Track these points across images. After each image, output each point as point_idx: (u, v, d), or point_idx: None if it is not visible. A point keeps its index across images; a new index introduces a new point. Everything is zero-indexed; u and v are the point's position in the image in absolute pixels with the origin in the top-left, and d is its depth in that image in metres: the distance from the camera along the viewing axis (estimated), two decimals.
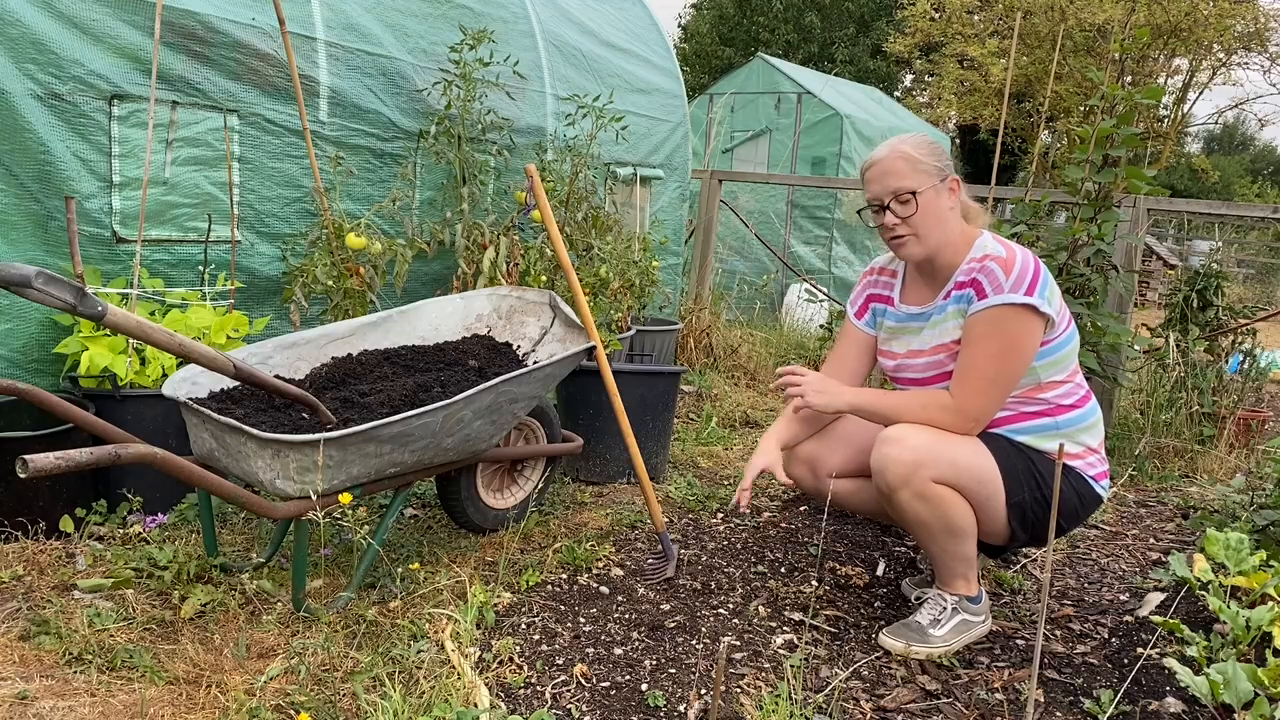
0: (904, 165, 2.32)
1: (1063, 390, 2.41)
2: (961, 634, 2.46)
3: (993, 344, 2.27)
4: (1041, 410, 2.40)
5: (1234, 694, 1.96)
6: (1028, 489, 2.37)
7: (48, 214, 3.04)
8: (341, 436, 2.28)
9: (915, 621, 2.47)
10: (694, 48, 24.16)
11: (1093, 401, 2.49)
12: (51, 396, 2.33)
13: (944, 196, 2.35)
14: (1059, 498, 2.38)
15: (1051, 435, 2.41)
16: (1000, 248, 2.33)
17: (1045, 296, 2.26)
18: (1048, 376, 2.38)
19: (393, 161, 4.04)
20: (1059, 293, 2.35)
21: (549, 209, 3.11)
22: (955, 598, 2.48)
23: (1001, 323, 2.26)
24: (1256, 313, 5.10)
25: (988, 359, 2.28)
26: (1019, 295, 2.24)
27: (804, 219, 9.52)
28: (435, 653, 2.21)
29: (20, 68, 2.92)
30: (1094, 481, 2.46)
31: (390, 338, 3.04)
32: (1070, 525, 2.53)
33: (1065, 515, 2.46)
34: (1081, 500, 2.46)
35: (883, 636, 2.46)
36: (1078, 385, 2.46)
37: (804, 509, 3.48)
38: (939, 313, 2.41)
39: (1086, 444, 2.45)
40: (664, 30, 6.19)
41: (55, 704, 2.01)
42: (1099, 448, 2.50)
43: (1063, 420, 2.41)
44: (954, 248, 2.38)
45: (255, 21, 3.49)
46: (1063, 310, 2.37)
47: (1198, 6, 16.47)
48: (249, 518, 3.11)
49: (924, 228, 2.34)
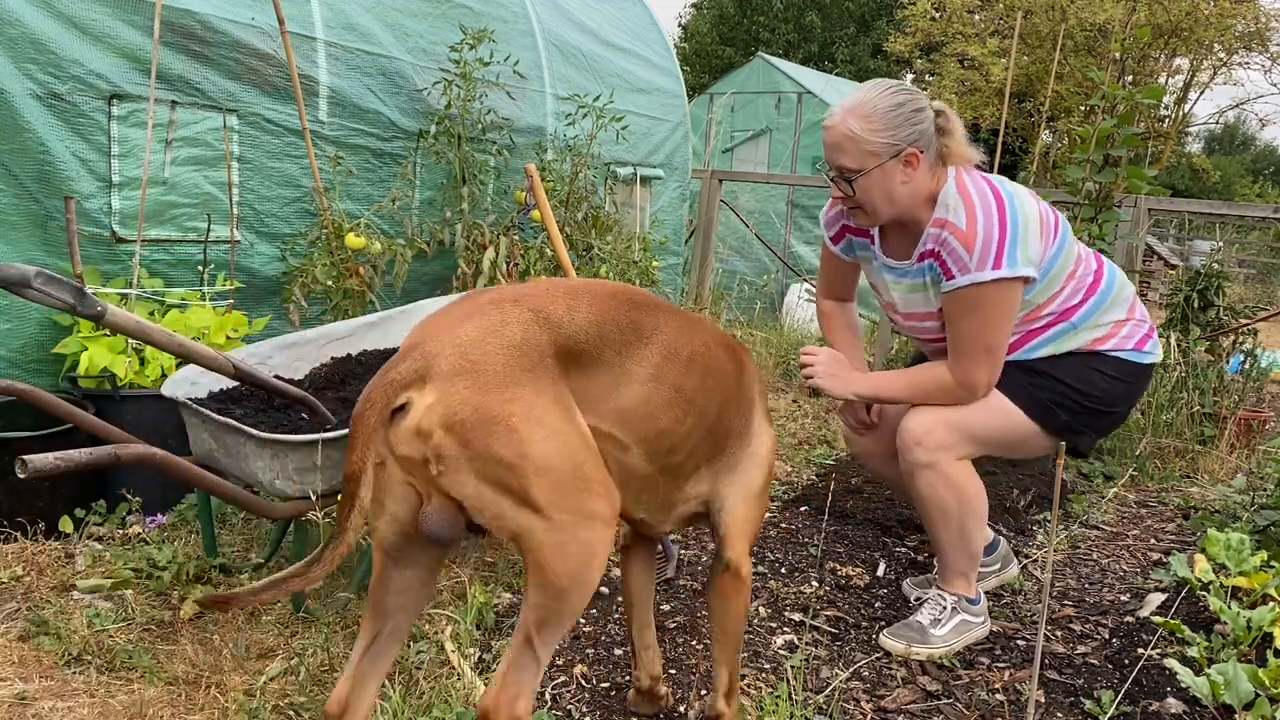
0: (849, 145, 2.17)
1: (1067, 292, 2.33)
2: (962, 634, 2.45)
3: (974, 320, 2.21)
4: (1051, 320, 2.33)
5: (1235, 694, 1.96)
6: (1063, 407, 2.34)
7: (47, 214, 3.04)
8: (341, 437, 2.27)
9: (916, 622, 2.46)
10: (694, 47, 24.16)
11: (1106, 277, 2.38)
12: (51, 396, 2.33)
13: (894, 173, 2.18)
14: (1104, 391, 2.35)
15: (1071, 335, 2.34)
16: (961, 209, 2.18)
17: (1016, 257, 2.15)
18: (1045, 295, 2.31)
19: (392, 161, 4.04)
20: (1034, 225, 2.20)
21: (549, 209, 3.11)
22: (955, 598, 2.47)
23: (976, 301, 2.19)
24: (1257, 313, 5.09)
25: (973, 334, 2.23)
26: (986, 272, 2.15)
27: (804, 219, 9.52)
28: (435, 653, 2.21)
29: (20, 68, 2.92)
30: (1134, 353, 2.38)
31: (390, 338, 3.03)
32: (1127, 408, 2.47)
33: (1117, 402, 2.40)
34: (1128, 380, 2.38)
35: (883, 637, 2.45)
36: (1082, 277, 2.35)
37: (804, 509, 3.47)
38: (916, 275, 2.33)
39: (1113, 319, 2.37)
40: (664, 30, 6.18)
41: (54, 704, 2.01)
42: (1130, 312, 2.41)
43: (1078, 318, 2.33)
44: (915, 209, 2.26)
45: (255, 21, 3.48)
46: (1045, 236, 2.25)
47: (1198, 6, 16.48)
48: (248, 518, 3.11)
49: (870, 204, 2.24)
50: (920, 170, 2.19)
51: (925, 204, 2.25)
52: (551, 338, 1.52)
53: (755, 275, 8.61)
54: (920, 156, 2.18)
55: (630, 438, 1.65)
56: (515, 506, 1.43)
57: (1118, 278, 2.43)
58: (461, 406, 1.40)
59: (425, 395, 1.41)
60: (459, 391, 1.41)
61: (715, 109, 10.01)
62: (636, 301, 1.69)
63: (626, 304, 1.66)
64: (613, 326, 1.61)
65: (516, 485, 1.41)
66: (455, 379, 1.41)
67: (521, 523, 1.43)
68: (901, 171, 2.18)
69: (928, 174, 2.22)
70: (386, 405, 1.42)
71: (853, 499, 3.57)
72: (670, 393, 1.68)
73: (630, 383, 1.63)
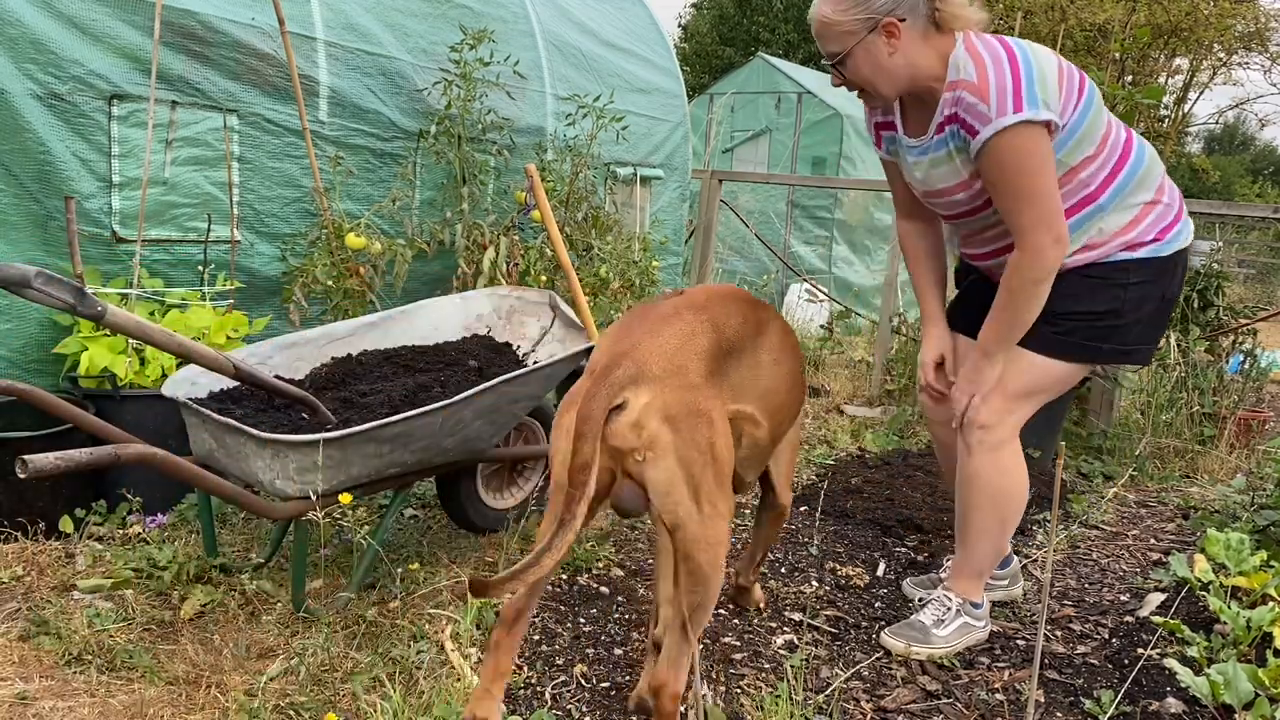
0: (827, 30, 2.17)
1: (1099, 162, 2.22)
2: (964, 636, 2.45)
3: (1011, 177, 2.11)
4: (1083, 199, 2.23)
5: (1234, 694, 1.96)
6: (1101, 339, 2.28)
7: (47, 214, 3.04)
8: (341, 437, 2.27)
9: (919, 621, 2.46)
10: (694, 48, 24.15)
11: (1136, 150, 2.28)
12: (51, 396, 2.33)
13: (877, 46, 2.14)
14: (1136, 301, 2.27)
15: (1098, 220, 2.25)
16: (970, 66, 2.11)
17: (1036, 99, 2.06)
18: (1078, 156, 2.20)
19: (393, 161, 4.04)
20: (1051, 73, 2.13)
21: (549, 209, 3.12)
22: (960, 600, 2.47)
23: (1006, 154, 2.09)
24: (1257, 313, 5.10)
25: (1018, 192, 2.12)
26: (1007, 117, 2.05)
27: (804, 219, 9.53)
28: (435, 653, 2.21)
29: (20, 68, 2.92)
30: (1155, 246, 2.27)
31: (390, 338, 3.03)
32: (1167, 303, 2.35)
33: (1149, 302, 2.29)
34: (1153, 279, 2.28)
35: (884, 636, 2.45)
36: (1114, 146, 2.26)
37: (804, 509, 3.47)
38: (938, 148, 2.25)
39: (1142, 200, 2.28)
40: (664, 30, 6.18)
41: (55, 704, 2.01)
42: (1158, 193, 2.30)
43: (1107, 198, 2.24)
44: (925, 77, 2.18)
45: (255, 21, 3.48)
46: (1068, 87, 2.16)
47: (1198, 6, 16.49)
48: (249, 518, 3.11)
49: (871, 82, 2.20)
50: (906, 38, 2.15)
51: (935, 73, 2.18)
52: (720, 341, 1.88)
53: (755, 275, 8.61)
54: (900, 25, 2.13)
55: (764, 415, 2.02)
56: (689, 496, 1.72)
57: (1147, 152, 2.31)
58: (675, 403, 1.71)
59: (640, 395, 1.70)
60: (672, 390, 1.72)
61: (715, 109, 10.02)
62: (751, 299, 2.14)
63: (749, 303, 2.11)
64: (751, 324, 2.02)
65: (699, 473, 1.72)
66: (666, 380, 1.72)
67: (682, 511, 1.73)
68: (885, 43, 2.14)
69: (919, 41, 2.16)
70: (609, 404, 1.67)
71: (853, 499, 3.57)
72: (784, 371, 2.11)
73: (762, 368, 2.03)
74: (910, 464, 4.12)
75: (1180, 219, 2.33)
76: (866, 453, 4.44)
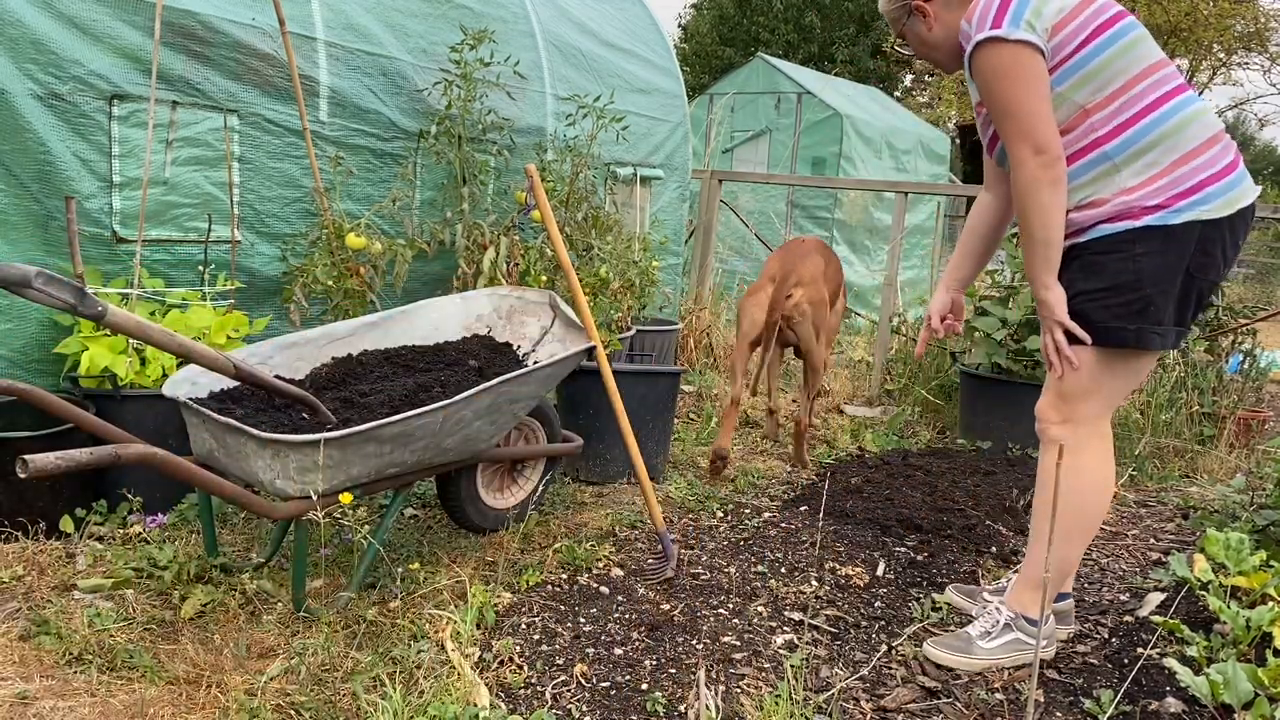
0: (886, 17, 2.40)
1: (1113, 108, 2.12)
2: (1012, 653, 2.33)
3: (990, 92, 2.13)
4: (1090, 143, 2.14)
5: (1234, 694, 1.96)
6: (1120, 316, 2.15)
7: (48, 214, 3.04)
8: (342, 437, 2.28)
9: (965, 632, 2.38)
10: (694, 48, 24.14)
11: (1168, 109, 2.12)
12: (51, 396, 2.33)
13: (917, 26, 2.33)
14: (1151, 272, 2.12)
15: (1106, 166, 2.14)
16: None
17: (1018, 20, 2.06)
18: (1088, 98, 2.12)
19: (393, 161, 4.04)
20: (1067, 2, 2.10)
21: (549, 209, 3.11)
22: (1012, 614, 2.37)
23: (983, 69, 2.12)
24: (1256, 313, 5.10)
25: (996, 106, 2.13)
26: (983, 33, 2.09)
27: (804, 219, 9.52)
28: (435, 653, 2.22)
29: (20, 68, 2.92)
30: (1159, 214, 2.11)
31: (390, 338, 3.03)
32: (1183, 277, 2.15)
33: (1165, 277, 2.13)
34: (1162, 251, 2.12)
35: (927, 646, 2.39)
36: (1139, 96, 2.13)
37: (804, 509, 3.47)
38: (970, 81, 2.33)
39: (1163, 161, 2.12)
40: (664, 30, 6.18)
41: (55, 704, 2.01)
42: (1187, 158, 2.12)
43: (1114, 148, 2.12)
44: None
45: (255, 21, 3.49)
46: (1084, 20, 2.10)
47: (1198, 6, 16.49)
48: (249, 518, 3.11)
49: (927, 56, 2.39)
50: (939, 13, 2.30)
51: None
52: (825, 266, 4.15)
53: (755, 275, 8.60)
54: (927, 4, 2.30)
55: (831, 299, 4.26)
56: (814, 339, 4.02)
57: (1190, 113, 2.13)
58: (814, 295, 3.97)
59: (798, 291, 3.94)
60: (811, 290, 3.97)
61: (715, 109, 10.02)
62: (827, 247, 4.35)
63: (827, 248, 4.33)
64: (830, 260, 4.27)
65: (819, 329, 4.03)
66: (810, 285, 3.97)
67: (812, 345, 4.05)
68: (923, 23, 2.32)
69: (956, 10, 2.27)
70: (785, 294, 3.90)
71: (853, 499, 3.57)
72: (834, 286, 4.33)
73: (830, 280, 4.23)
74: (910, 464, 4.12)
75: (1204, 188, 2.11)
76: (866, 453, 4.44)
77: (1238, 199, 2.13)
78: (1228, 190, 2.12)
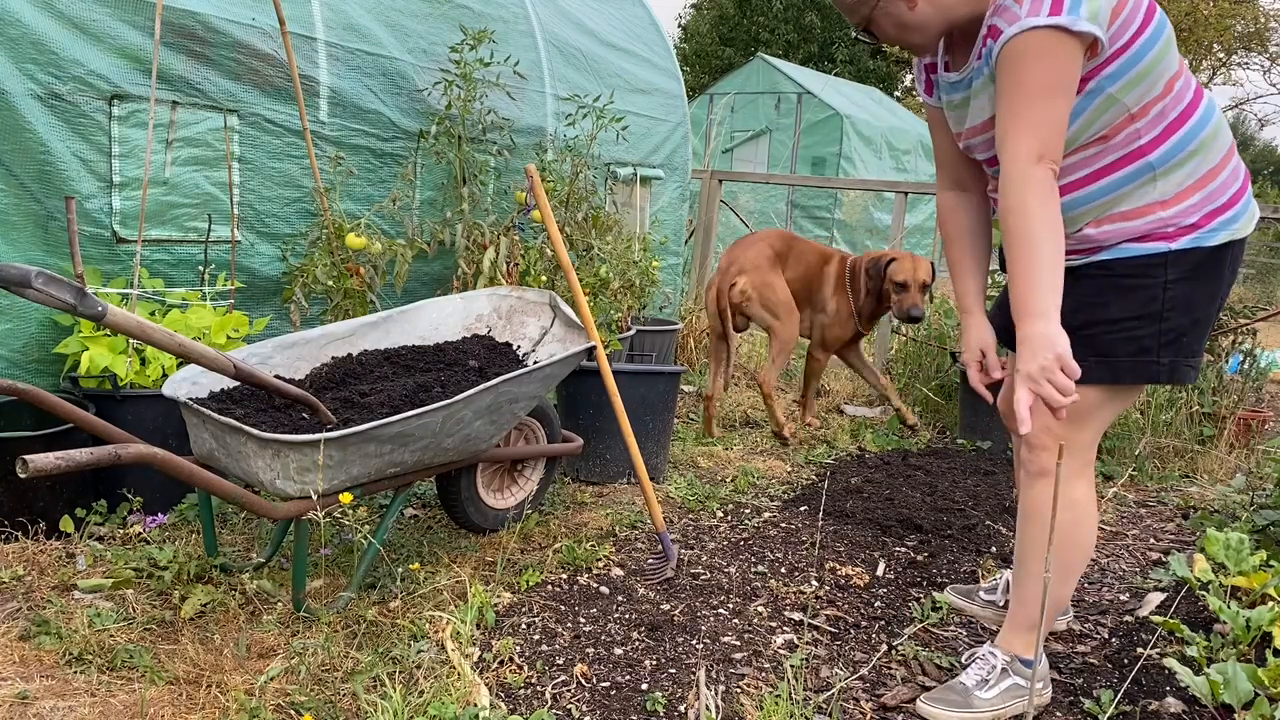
0: (842, 4, 2.06)
1: (1155, 112, 1.91)
2: (1012, 699, 2.15)
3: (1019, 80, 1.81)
4: (1133, 152, 1.92)
5: (1234, 694, 1.96)
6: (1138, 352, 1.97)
7: (48, 214, 3.04)
8: (342, 437, 2.28)
9: (959, 684, 2.19)
10: (694, 48, 24.16)
11: (1203, 109, 1.95)
12: (51, 396, 2.33)
13: (896, 5, 1.97)
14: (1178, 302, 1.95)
15: (1147, 178, 1.92)
16: None
17: (1079, 6, 1.77)
18: (1136, 100, 1.89)
19: (393, 161, 4.04)
20: None
21: (549, 209, 3.11)
22: (1009, 658, 2.19)
23: (1020, 55, 1.80)
24: (1256, 313, 5.10)
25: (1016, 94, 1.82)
26: (1039, 18, 1.77)
27: (804, 219, 9.53)
28: (435, 653, 2.22)
29: (20, 68, 2.92)
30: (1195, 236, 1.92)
31: (390, 338, 3.03)
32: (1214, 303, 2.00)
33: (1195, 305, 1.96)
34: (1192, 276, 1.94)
35: (921, 702, 2.17)
36: (1178, 96, 1.92)
37: (804, 509, 3.48)
38: (977, 76, 2.00)
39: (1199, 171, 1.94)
40: (664, 30, 6.19)
41: (55, 704, 2.01)
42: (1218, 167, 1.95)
43: (1158, 157, 1.92)
44: (964, 17, 1.97)
45: (255, 21, 3.49)
46: (1132, 7, 1.85)
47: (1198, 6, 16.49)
48: (249, 518, 3.11)
49: (901, 39, 2.06)
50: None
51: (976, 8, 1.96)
52: (776, 253, 4.52)
53: None
54: None
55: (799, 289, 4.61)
56: (770, 317, 4.44)
57: (1216, 112, 1.98)
58: (758, 281, 4.41)
59: (741, 279, 4.41)
60: (754, 275, 4.42)
61: (715, 109, 10.02)
62: (788, 235, 4.69)
63: (789, 237, 4.68)
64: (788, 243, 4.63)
65: (772, 309, 4.43)
66: (752, 271, 4.43)
67: (769, 322, 4.46)
68: (903, 2, 1.98)
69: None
70: (726, 282, 4.43)
71: (853, 499, 3.57)
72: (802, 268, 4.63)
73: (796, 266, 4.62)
74: (910, 464, 4.12)
75: (1235, 204, 1.96)
76: (866, 453, 4.44)
77: (1255, 212, 2.01)
78: (1249, 204, 1.99)
